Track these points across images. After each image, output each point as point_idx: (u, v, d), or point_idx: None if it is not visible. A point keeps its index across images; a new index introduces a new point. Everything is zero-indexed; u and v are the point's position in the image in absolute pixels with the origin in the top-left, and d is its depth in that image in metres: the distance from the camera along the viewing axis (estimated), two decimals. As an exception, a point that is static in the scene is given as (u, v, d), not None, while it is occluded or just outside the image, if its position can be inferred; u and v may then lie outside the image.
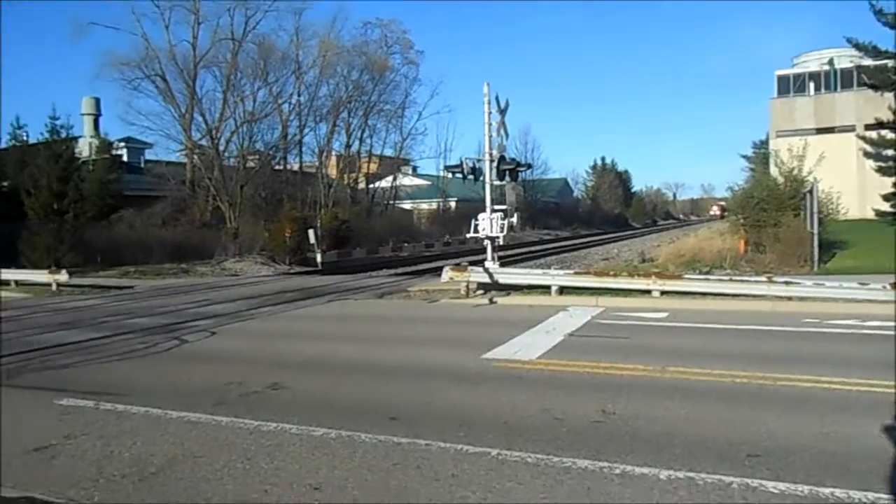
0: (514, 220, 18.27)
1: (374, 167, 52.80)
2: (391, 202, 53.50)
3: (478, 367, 8.24)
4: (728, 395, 6.58)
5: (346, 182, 48.72)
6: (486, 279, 16.18)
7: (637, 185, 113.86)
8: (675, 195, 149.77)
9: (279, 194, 41.26)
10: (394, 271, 28.48)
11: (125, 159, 43.20)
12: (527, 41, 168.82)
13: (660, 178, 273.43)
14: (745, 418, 5.78)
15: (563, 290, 15.19)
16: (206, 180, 39.08)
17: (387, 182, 53.85)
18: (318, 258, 30.94)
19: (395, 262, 34.00)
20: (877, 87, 35.18)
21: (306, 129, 46.16)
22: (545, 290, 15.51)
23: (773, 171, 25.72)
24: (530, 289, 16.02)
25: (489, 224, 17.26)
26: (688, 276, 15.27)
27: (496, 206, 17.39)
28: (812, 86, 47.87)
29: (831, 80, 47.34)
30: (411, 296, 17.09)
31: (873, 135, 38.52)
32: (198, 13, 40.61)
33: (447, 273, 16.66)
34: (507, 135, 17.86)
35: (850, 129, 43.08)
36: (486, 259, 17.69)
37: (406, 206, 59.38)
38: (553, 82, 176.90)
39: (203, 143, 41.26)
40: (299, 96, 44.67)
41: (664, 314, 12.38)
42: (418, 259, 35.92)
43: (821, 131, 43.71)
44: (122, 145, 43.38)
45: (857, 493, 4.18)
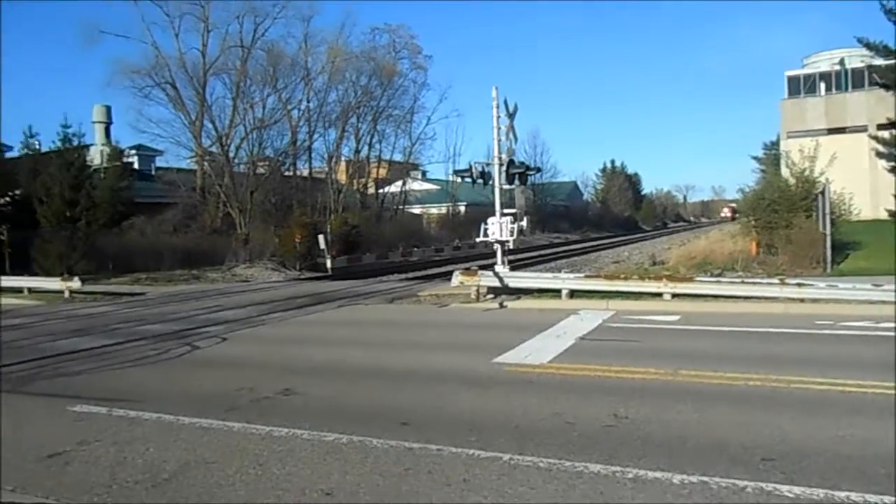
0: (524, 223, 18.24)
1: (383, 172, 53.02)
2: (401, 207, 53.63)
3: (488, 371, 8.22)
4: (741, 398, 6.52)
5: (355, 187, 48.92)
6: (497, 283, 16.16)
7: (647, 187, 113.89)
8: (685, 197, 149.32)
9: (289, 200, 41.46)
10: (404, 276, 28.49)
11: (136, 167, 43.56)
12: (535, 44, 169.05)
13: (670, 180, 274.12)
14: (759, 421, 5.73)
15: (573, 294, 15.14)
16: (217, 187, 39.34)
17: (396, 187, 53.97)
18: (328, 263, 31.03)
19: (404, 266, 34.04)
20: (888, 87, 34.99)
21: (315, 135, 46.52)
22: (555, 293, 15.47)
23: (785, 172, 25.56)
24: (541, 292, 15.99)
25: (499, 228, 17.25)
26: (699, 279, 15.18)
27: (506, 210, 17.38)
28: (823, 86, 47.53)
29: (842, 80, 47.01)
30: (421, 300, 17.09)
31: (885, 135, 38.27)
32: (207, 21, 41.02)
33: (457, 277, 16.65)
34: (516, 138, 17.91)
35: (862, 129, 42.74)
36: (496, 263, 17.68)
37: (416, 210, 59.46)
38: (562, 85, 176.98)
39: (213, 149, 41.59)
40: (308, 102, 45.04)
41: (676, 317, 12.32)
42: (428, 264, 35.96)
43: (832, 132, 43.34)
44: (133, 153, 43.74)
45: (873, 497, 4.13)
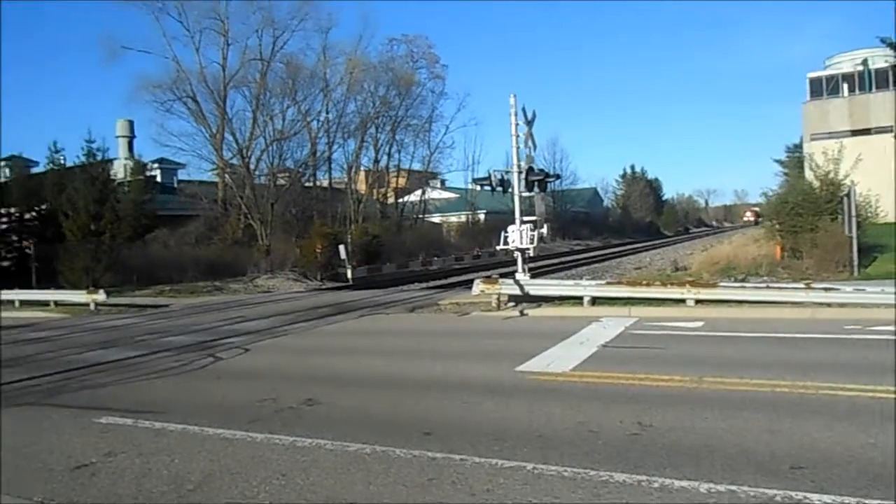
0: (544, 231, 18.21)
1: (402, 181, 53.21)
2: (420, 216, 53.77)
3: (511, 379, 8.19)
4: (768, 405, 6.41)
5: (375, 197, 49.14)
6: (517, 291, 16.09)
7: (668, 192, 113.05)
8: (707, 202, 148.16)
9: (309, 211, 41.77)
10: (424, 285, 28.54)
11: (159, 180, 44.16)
12: (553, 51, 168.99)
13: (691, 184, 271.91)
14: (787, 429, 5.63)
15: (595, 301, 15.03)
16: (238, 199, 39.76)
17: (416, 196, 54.16)
18: (349, 273, 31.17)
19: (425, 276, 34.10)
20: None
21: (335, 146, 46.89)
22: (577, 300, 15.37)
23: (808, 175, 25.26)
24: (562, 300, 15.89)
25: (519, 236, 17.22)
26: (723, 284, 15.00)
27: (525, 218, 17.34)
28: (846, 87, 46.94)
29: (865, 81, 46.38)
30: (442, 309, 17.07)
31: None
32: (227, 35, 41.62)
33: (478, 286, 16.60)
34: (535, 146, 17.91)
35: (888, 129, 42.10)
36: (516, 271, 17.63)
37: (435, 219, 59.58)
38: (580, 91, 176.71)
39: (234, 162, 42.09)
40: (327, 113, 45.42)
41: (699, 323, 12.18)
42: (448, 272, 35.98)
43: (856, 133, 42.75)
44: (156, 166, 44.36)
45: (907, 506, 4.04)
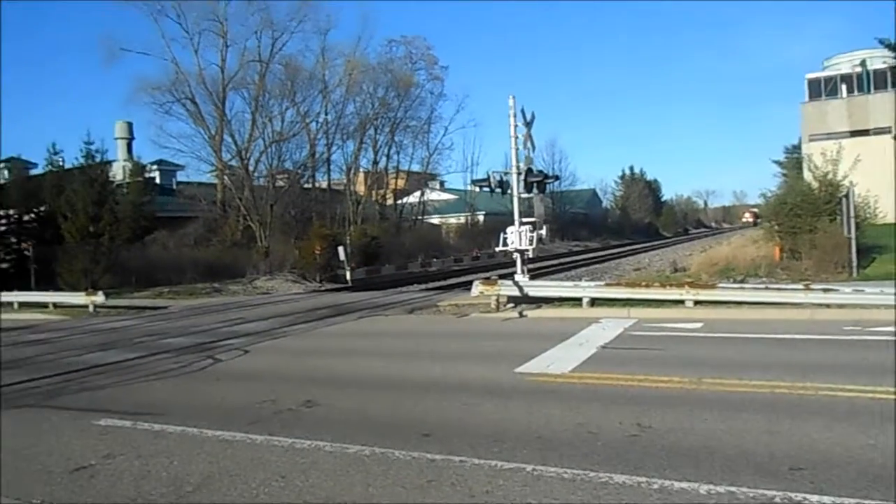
0: (543, 232, 18.21)
1: (401, 183, 53.22)
2: (419, 217, 53.76)
3: (510, 381, 8.18)
4: (768, 407, 6.41)
5: (374, 198, 49.15)
6: (517, 292, 16.09)
7: (667, 193, 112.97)
8: (706, 203, 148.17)
9: (308, 212, 41.76)
10: (423, 286, 28.51)
11: (158, 182, 44.15)
12: (551, 52, 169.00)
13: (690, 186, 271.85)
14: (787, 430, 5.63)
15: (594, 302, 15.04)
16: (237, 200, 39.77)
17: (414, 197, 54.16)
18: (348, 275, 31.16)
19: (424, 277, 34.07)
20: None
21: (334, 147, 46.94)
22: (576, 302, 15.38)
23: (807, 175, 25.27)
24: (561, 301, 15.90)
25: (518, 237, 17.22)
26: (722, 286, 15.02)
27: (524, 219, 17.34)
28: (844, 88, 46.95)
29: (864, 82, 46.41)
30: (441, 311, 17.07)
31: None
32: (226, 37, 41.64)
33: (477, 287, 16.60)
34: (534, 147, 17.91)
35: (886, 130, 42.13)
36: (515, 272, 17.63)
37: (434, 220, 59.56)
38: (579, 92, 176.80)
39: (233, 163, 42.07)
40: (326, 115, 45.46)
41: (699, 324, 12.18)
42: (447, 274, 35.97)
43: (855, 134, 42.77)
44: (155, 168, 44.34)
45: (907, 507, 4.04)
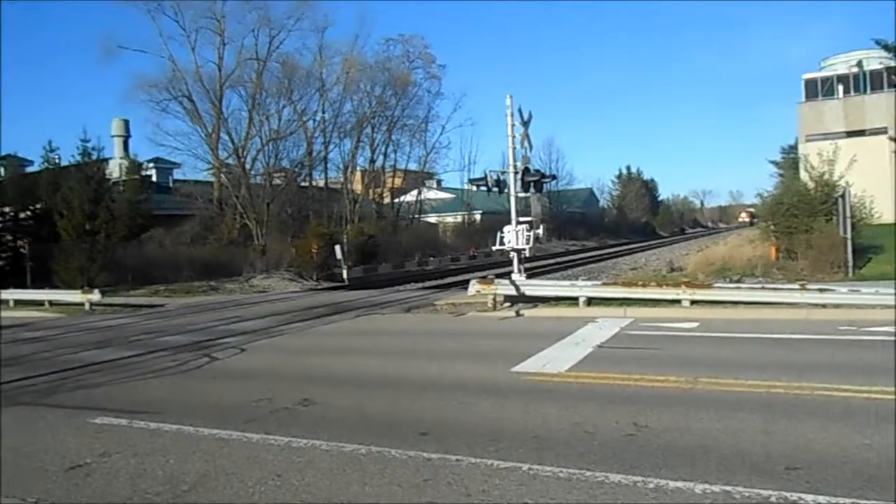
0: (540, 231, 18.21)
1: (398, 182, 53.19)
2: (416, 216, 53.72)
3: (507, 380, 8.19)
4: (764, 406, 6.43)
5: (371, 197, 49.10)
6: (513, 292, 16.10)
7: (664, 193, 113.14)
8: (702, 203, 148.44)
9: (305, 211, 41.71)
10: (420, 285, 28.51)
11: (154, 179, 43.95)
12: (549, 51, 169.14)
13: (687, 185, 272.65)
14: (783, 429, 5.65)
15: (591, 302, 15.06)
16: (234, 198, 39.69)
17: (412, 196, 54.14)
18: (345, 273, 31.12)
19: (421, 276, 34.08)
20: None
21: (331, 146, 46.85)
22: (573, 301, 15.39)
23: (804, 176, 25.31)
24: (558, 300, 15.91)
25: (515, 236, 17.22)
26: (718, 285, 15.05)
27: (521, 218, 17.34)
28: (841, 88, 47.03)
29: (860, 83, 46.50)
30: (438, 309, 17.07)
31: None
32: (223, 34, 41.48)
33: (474, 286, 16.61)
34: (531, 146, 17.91)
35: (882, 131, 42.22)
36: (512, 271, 17.64)
37: (431, 219, 59.52)
38: (576, 92, 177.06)
39: (230, 161, 41.96)
40: (323, 113, 45.35)
41: (695, 324, 12.20)
42: (444, 273, 35.97)
43: (851, 134, 42.85)
44: (151, 166, 44.19)
45: (901, 507, 4.05)
